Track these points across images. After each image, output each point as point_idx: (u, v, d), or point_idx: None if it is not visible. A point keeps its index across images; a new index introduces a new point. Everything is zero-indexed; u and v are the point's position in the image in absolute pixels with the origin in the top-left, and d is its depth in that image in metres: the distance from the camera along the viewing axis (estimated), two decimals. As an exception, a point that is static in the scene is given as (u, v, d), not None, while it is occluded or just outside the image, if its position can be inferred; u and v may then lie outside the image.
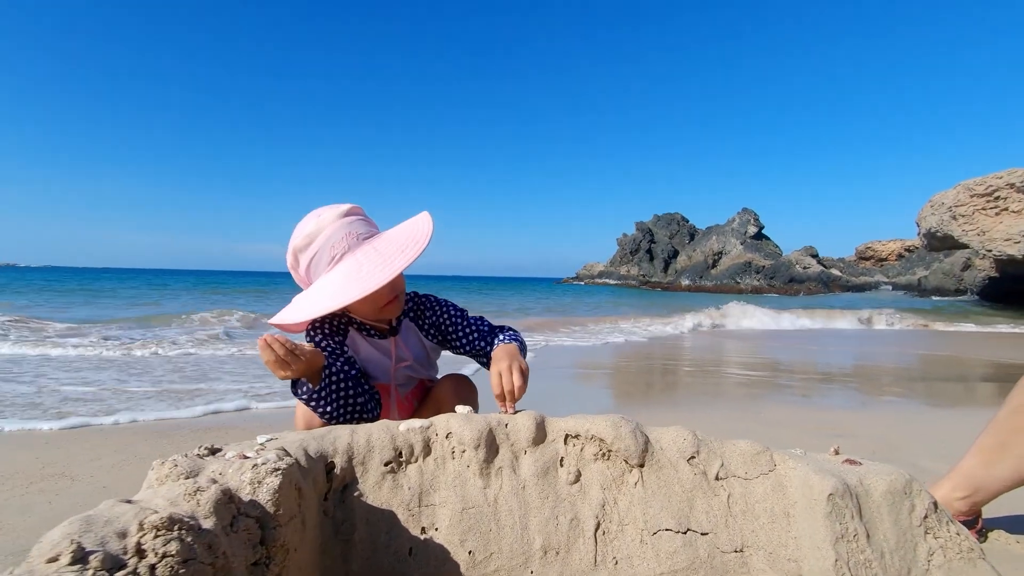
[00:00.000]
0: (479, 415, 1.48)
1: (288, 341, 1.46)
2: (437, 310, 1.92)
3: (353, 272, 1.60)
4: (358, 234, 1.67)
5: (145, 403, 4.06)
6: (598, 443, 1.40)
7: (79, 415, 3.56)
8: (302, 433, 1.39)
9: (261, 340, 1.44)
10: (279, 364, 1.45)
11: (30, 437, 3.18)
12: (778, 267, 71.96)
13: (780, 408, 4.43)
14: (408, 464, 1.39)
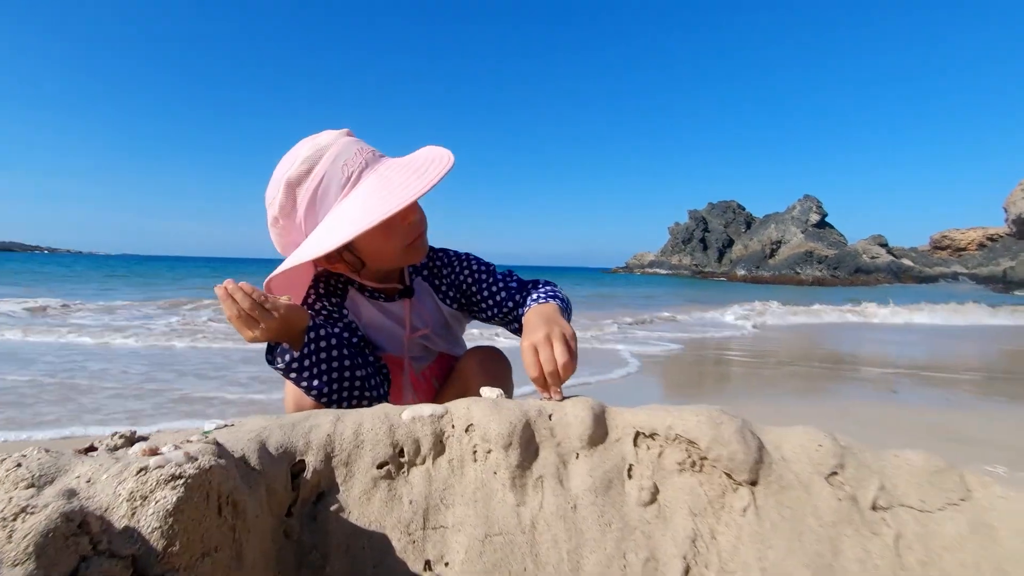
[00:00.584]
0: (512, 401, 1.05)
1: (256, 291, 1.09)
2: (456, 266, 1.50)
3: (382, 187, 1.19)
4: (372, 151, 1.27)
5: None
6: (686, 446, 0.95)
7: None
8: (267, 419, 1.01)
9: (220, 288, 1.07)
10: (244, 321, 1.08)
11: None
12: (843, 257, 68.01)
13: (872, 407, 3.80)
14: (411, 467, 0.98)
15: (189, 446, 0.75)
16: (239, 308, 1.06)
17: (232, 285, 1.07)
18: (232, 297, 1.06)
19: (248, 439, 0.89)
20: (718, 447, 0.91)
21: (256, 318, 1.08)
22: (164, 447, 0.76)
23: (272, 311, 1.09)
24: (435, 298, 1.50)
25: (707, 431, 0.92)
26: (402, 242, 1.30)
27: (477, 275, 1.48)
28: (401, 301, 1.44)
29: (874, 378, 5.23)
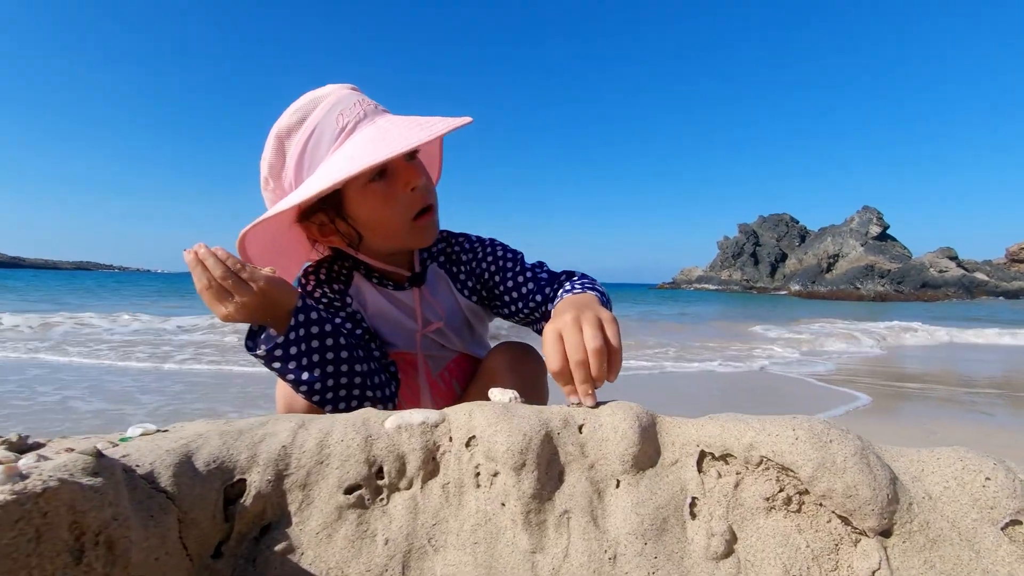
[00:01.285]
0: (529, 407, 0.79)
1: (232, 257, 0.88)
2: (479, 251, 1.25)
3: (378, 137, 0.99)
4: (375, 105, 1.07)
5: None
6: (776, 474, 0.66)
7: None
8: (210, 425, 0.78)
9: (190, 253, 0.87)
10: (216, 293, 0.87)
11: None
12: (907, 271, 64.15)
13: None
14: (392, 493, 0.73)
15: (47, 462, 0.52)
16: (209, 277, 0.86)
17: (204, 250, 0.86)
18: (203, 264, 0.86)
19: (167, 450, 0.66)
20: (828, 477, 0.61)
21: (230, 289, 0.87)
22: (23, 459, 0.54)
23: (250, 282, 0.88)
24: (452, 288, 1.26)
25: (810, 453, 0.62)
26: (404, 213, 1.08)
27: (502, 262, 1.23)
28: (411, 290, 1.21)
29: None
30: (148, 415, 3.40)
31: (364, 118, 1.03)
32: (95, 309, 11.32)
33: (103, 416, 3.32)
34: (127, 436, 0.72)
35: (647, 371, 6.11)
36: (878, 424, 3.73)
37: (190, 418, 3.29)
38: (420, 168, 1.10)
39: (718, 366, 6.64)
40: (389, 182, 1.06)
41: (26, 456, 0.55)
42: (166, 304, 15.24)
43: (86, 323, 9.07)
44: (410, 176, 1.05)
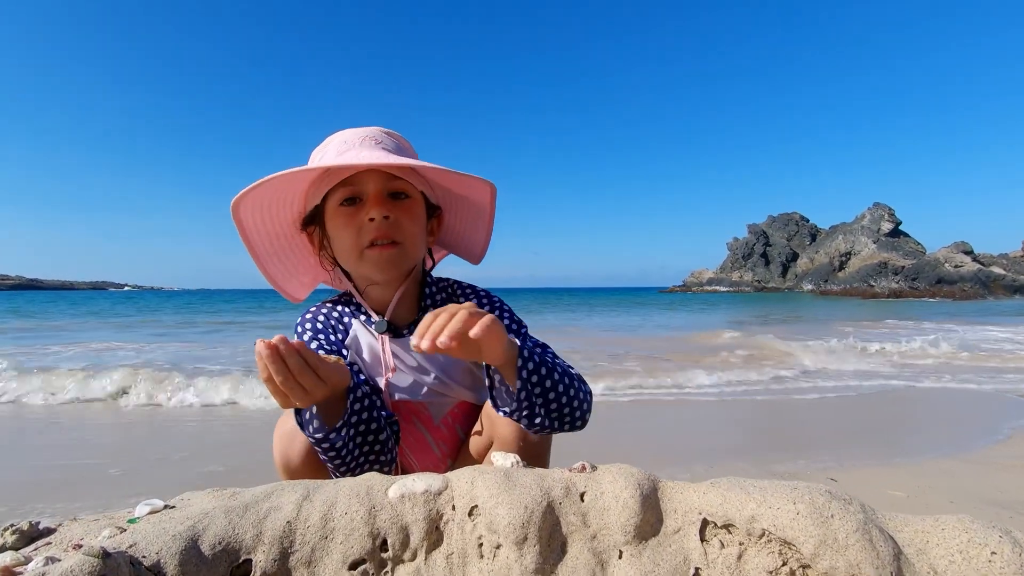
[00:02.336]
0: (530, 474, 0.79)
1: (309, 351, 0.86)
2: (484, 308, 1.24)
3: (345, 152, 1.08)
4: (381, 141, 1.13)
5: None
6: (778, 548, 0.65)
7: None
8: (215, 499, 0.79)
9: (265, 347, 0.82)
10: (290, 387, 0.84)
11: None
12: (921, 267, 63.29)
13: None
14: (397, 566, 0.74)
15: (55, 566, 0.53)
16: (286, 373, 0.83)
17: (287, 347, 0.84)
18: (283, 361, 0.83)
19: (173, 535, 0.67)
20: (830, 555, 0.61)
21: (305, 387, 0.85)
22: (32, 563, 0.55)
23: (325, 378, 0.87)
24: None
25: (810, 529, 0.62)
26: (356, 239, 1.10)
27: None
28: (385, 336, 1.19)
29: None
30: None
31: (354, 147, 1.09)
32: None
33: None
34: (135, 517, 0.74)
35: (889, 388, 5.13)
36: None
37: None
38: (389, 204, 1.09)
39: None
40: (356, 209, 1.10)
41: (35, 559, 0.56)
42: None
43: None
44: (372, 205, 1.08)
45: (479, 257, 1.31)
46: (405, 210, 1.12)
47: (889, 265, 68.04)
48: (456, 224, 1.28)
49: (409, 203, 1.13)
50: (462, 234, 1.29)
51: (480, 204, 1.22)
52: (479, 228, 1.25)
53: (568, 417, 1.00)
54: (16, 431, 3.63)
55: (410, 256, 1.15)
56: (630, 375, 5.65)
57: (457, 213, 1.26)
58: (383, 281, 1.17)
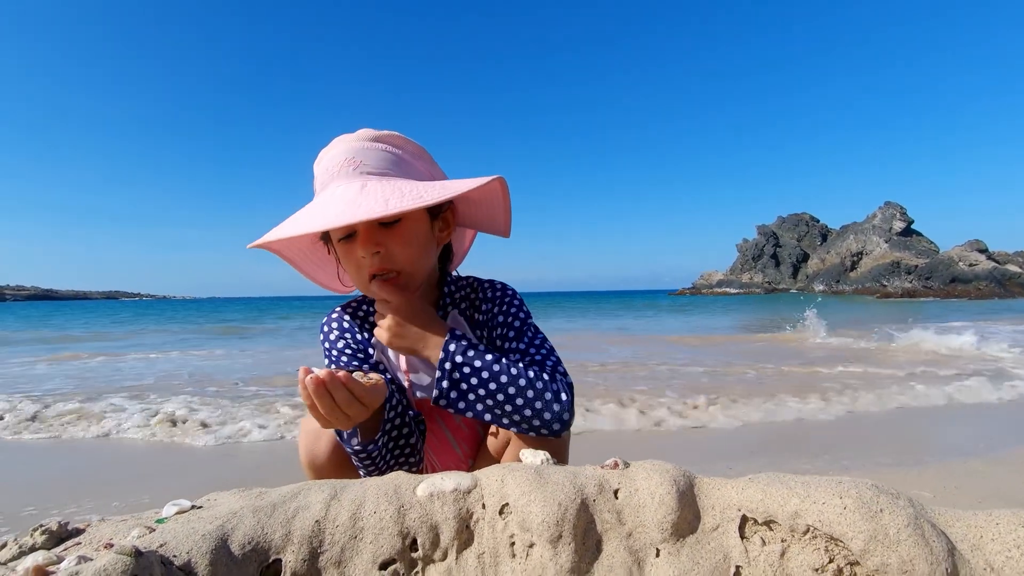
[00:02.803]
0: (562, 471, 0.77)
1: (353, 380, 0.87)
2: (498, 304, 1.22)
3: (319, 206, 1.02)
4: (361, 163, 1.05)
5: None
6: (825, 544, 0.63)
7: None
8: (243, 498, 0.78)
9: (313, 379, 0.84)
10: (335, 414, 0.86)
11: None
12: (935, 266, 62.46)
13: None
14: (427, 565, 0.72)
15: (88, 565, 0.52)
16: (331, 403, 0.85)
17: (334, 380, 0.85)
18: (330, 394, 0.84)
19: (203, 534, 0.66)
20: (881, 551, 0.58)
21: (349, 414, 0.87)
22: (64, 562, 0.54)
23: (368, 406, 0.89)
24: (471, 334, 1.24)
25: (860, 524, 0.60)
26: (358, 273, 1.10)
27: (507, 323, 1.18)
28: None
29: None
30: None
31: (334, 179, 1.05)
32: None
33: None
34: (163, 517, 0.73)
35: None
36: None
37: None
38: (377, 237, 1.06)
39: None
40: (351, 243, 1.07)
41: (67, 558, 0.55)
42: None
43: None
44: (360, 245, 1.05)
45: (506, 232, 1.28)
46: (397, 237, 1.07)
47: (902, 264, 67.24)
48: (471, 210, 1.26)
49: (401, 227, 1.07)
50: (481, 216, 1.27)
51: (487, 192, 1.18)
52: (496, 210, 1.23)
53: (512, 415, 0.99)
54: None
55: (413, 278, 1.13)
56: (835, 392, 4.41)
57: (468, 202, 1.23)
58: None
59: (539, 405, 0.99)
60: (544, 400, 0.99)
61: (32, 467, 2.97)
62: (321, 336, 1.19)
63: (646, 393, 4.48)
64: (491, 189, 1.13)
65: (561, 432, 1.02)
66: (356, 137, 1.08)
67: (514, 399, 0.99)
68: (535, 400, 0.99)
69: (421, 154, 1.16)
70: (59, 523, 0.67)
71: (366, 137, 1.08)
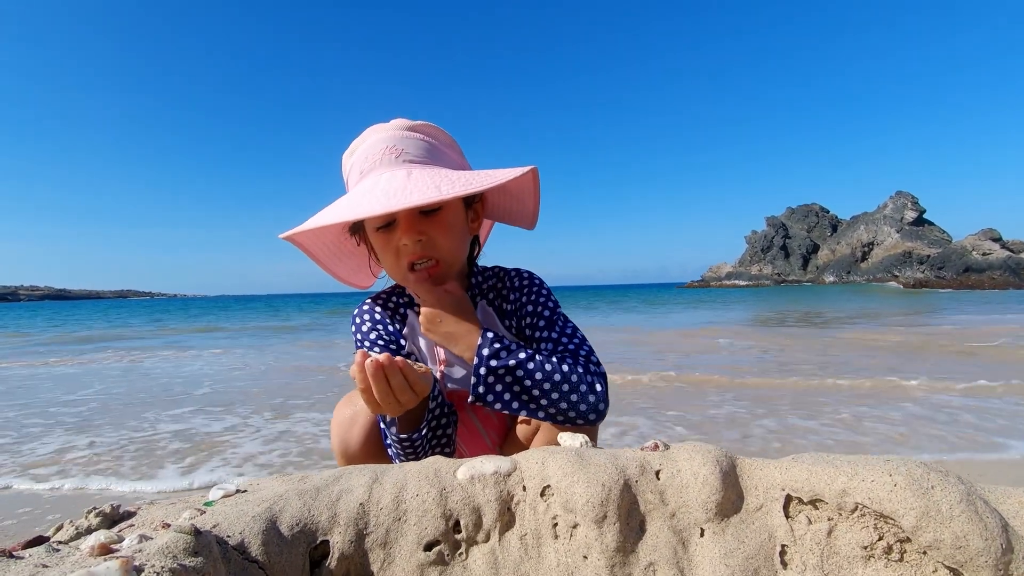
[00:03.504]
0: (603, 453, 0.78)
1: (409, 367, 0.88)
2: (526, 294, 1.22)
3: (363, 192, 1.01)
4: (403, 151, 1.07)
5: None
6: (874, 522, 0.63)
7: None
8: (286, 483, 0.79)
9: (373, 362, 0.85)
10: (388, 399, 0.88)
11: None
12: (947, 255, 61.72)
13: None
14: (471, 547, 0.73)
15: (151, 543, 0.53)
16: (386, 388, 0.87)
17: (391, 364, 0.86)
18: (387, 379, 0.86)
19: (253, 516, 0.67)
20: (934, 527, 0.58)
21: (401, 401, 0.89)
22: (126, 540, 0.55)
23: (418, 393, 0.91)
24: (499, 324, 1.25)
25: (911, 501, 0.60)
26: (395, 263, 1.10)
27: (535, 319, 1.19)
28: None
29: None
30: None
31: (376, 167, 1.05)
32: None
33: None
34: (210, 501, 0.74)
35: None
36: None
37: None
38: (420, 225, 1.07)
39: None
40: (391, 232, 1.08)
41: (128, 535, 0.56)
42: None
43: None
44: (403, 233, 1.06)
45: (531, 225, 1.29)
46: (438, 225, 1.08)
47: (914, 255, 66.52)
48: (501, 201, 1.26)
49: (442, 215, 1.09)
50: (509, 207, 1.27)
51: (519, 183, 1.19)
52: (526, 200, 1.23)
53: (551, 409, 1.00)
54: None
55: (452, 267, 1.14)
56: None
57: (499, 193, 1.24)
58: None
59: (575, 398, 1.00)
60: (580, 392, 1.00)
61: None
62: (353, 327, 1.20)
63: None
64: (525, 180, 1.14)
65: (597, 422, 1.03)
66: (393, 127, 1.10)
67: (550, 394, 1.00)
68: (570, 393, 1.00)
69: (453, 144, 1.18)
70: (112, 506, 0.68)
71: (403, 127, 1.10)
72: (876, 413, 3.57)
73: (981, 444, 2.84)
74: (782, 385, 4.65)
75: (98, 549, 0.52)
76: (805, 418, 3.48)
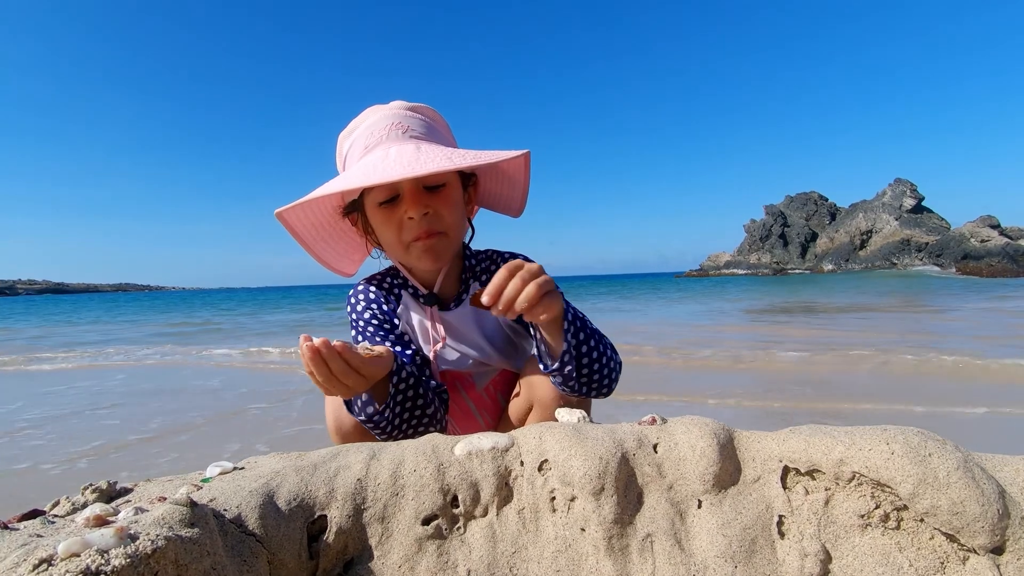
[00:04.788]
0: (600, 428, 0.78)
1: (349, 352, 0.88)
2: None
3: (373, 162, 1.01)
4: (409, 128, 1.08)
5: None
6: (871, 490, 0.63)
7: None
8: (283, 460, 0.79)
9: (309, 347, 0.85)
10: (333, 384, 0.88)
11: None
12: (946, 243, 61.75)
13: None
14: (469, 521, 0.73)
15: (146, 515, 0.53)
16: (327, 372, 0.86)
17: (328, 351, 0.86)
18: (326, 363, 0.86)
19: (250, 491, 0.67)
20: (931, 494, 0.58)
21: (348, 384, 0.88)
22: (121, 512, 0.55)
23: (365, 372, 0.90)
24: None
25: (908, 468, 0.60)
26: (398, 236, 1.10)
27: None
28: (459, 310, 1.21)
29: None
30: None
31: (383, 141, 1.05)
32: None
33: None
34: (207, 477, 0.74)
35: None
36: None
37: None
38: (425, 199, 1.07)
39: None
40: (394, 207, 1.07)
41: (123, 509, 0.56)
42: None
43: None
44: (409, 206, 1.06)
45: (519, 212, 1.29)
46: (443, 200, 1.09)
47: (912, 242, 66.56)
48: (493, 186, 1.26)
49: (446, 191, 1.10)
50: (499, 194, 1.28)
51: (514, 167, 1.19)
52: (516, 187, 1.24)
53: (597, 383, 1.02)
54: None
55: (454, 242, 1.15)
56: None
57: (493, 177, 1.24)
58: (431, 271, 1.18)
59: (614, 373, 1.04)
60: (613, 366, 1.04)
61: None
62: (348, 307, 1.20)
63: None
64: (518, 164, 1.15)
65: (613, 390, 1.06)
66: (395, 107, 1.11)
67: (603, 368, 1.01)
68: (612, 367, 1.03)
69: (447, 127, 1.20)
70: (108, 482, 0.68)
71: (403, 107, 1.12)
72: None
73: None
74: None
75: (93, 520, 0.52)
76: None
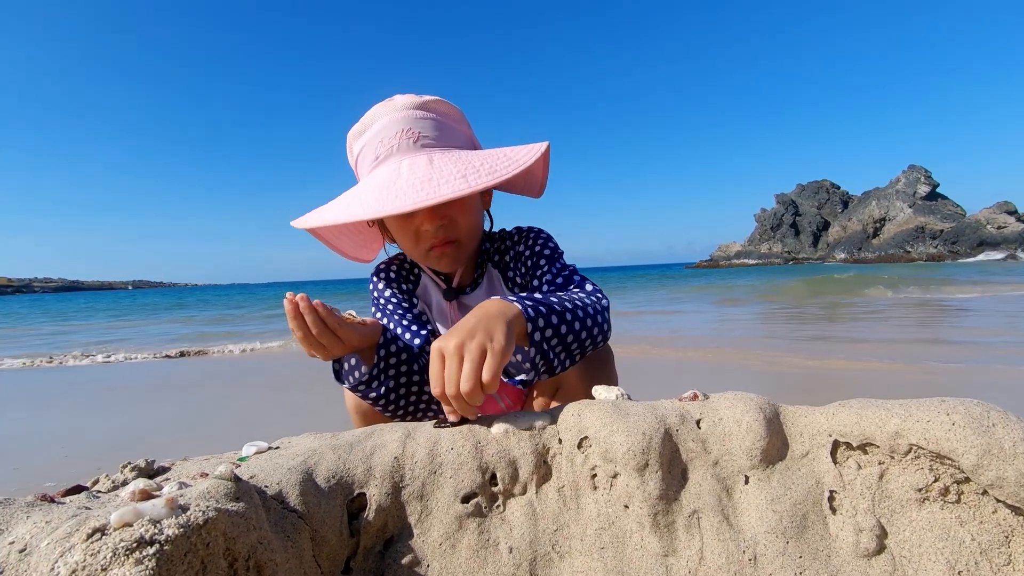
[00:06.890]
0: (640, 405, 0.76)
1: (330, 315, 0.89)
2: (527, 241, 1.20)
3: (386, 183, 0.97)
4: (419, 135, 1.03)
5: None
6: (929, 463, 0.61)
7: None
8: (319, 439, 0.78)
9: (290, 303, 0.88)
10: (311, 342, 0.90)
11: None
12: (961, 229, 60.81)
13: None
14: (508, 499, 0.72)
15: (191, 488, 0.52)
16: (306, 330, 0.89)
17: (305, 304, 0.88)
18: (302, 317, 0.88)
19: (289, 468, 0.66)
20: (997, 465, 0.56)
21: (324, 344, 0.90)
22: (164, 488, 0.54)
23: (343, 336, 0.91)
24: (503, 286, 1.24)
25: (971, 439, 0.57)
26: (415, 245, 1.09)
27: (537, 259, 1.17)
28: (476, 292, 1.21)
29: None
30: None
31: (393, 153, 1.02)
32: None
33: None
34: (244, 456, 0.73)
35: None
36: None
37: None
38: (441, 210, 1.04)
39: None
40: (409, 218, 1.06)
41: (166, 484, 0.55)
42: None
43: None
44: (424, 219, 1.04)
45: (539, 193, 1.27)
46: (459, 208, 1.07)
47: (927, 229, 65.60)
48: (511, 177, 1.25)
49: (463, 198, 1.04)
50: (518, 180, 1.25)
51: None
52: (535, 172, 1.21)
53: (587, 346, 0.96)
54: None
55: (471, 244, 1.13)
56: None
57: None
58: (444, 271, 1.19)
59: (597, 328, 0.97)
60: (599, 321, 0.97)
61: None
62: (371, 286, 1.22)
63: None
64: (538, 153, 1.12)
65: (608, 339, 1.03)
66: (403, 106, 1.06)
67: (584, 332, 0.94)
68: (595, 323, 0.96)
69: (462, 118, 1.15)
70: (147, 461, 0.68)
71: (413, 105, 1.06)
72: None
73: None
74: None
75: (139, 495, 0.51)
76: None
